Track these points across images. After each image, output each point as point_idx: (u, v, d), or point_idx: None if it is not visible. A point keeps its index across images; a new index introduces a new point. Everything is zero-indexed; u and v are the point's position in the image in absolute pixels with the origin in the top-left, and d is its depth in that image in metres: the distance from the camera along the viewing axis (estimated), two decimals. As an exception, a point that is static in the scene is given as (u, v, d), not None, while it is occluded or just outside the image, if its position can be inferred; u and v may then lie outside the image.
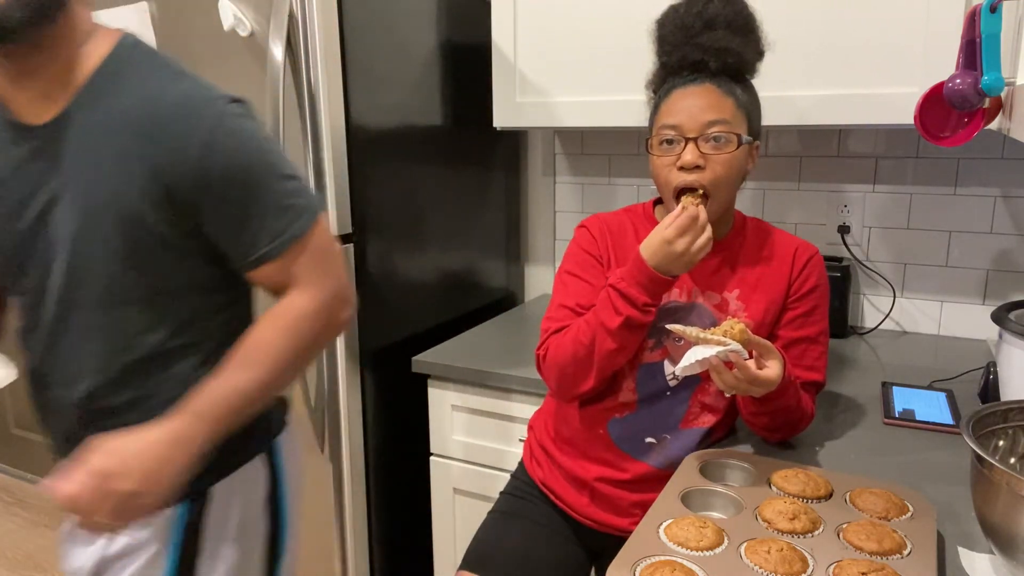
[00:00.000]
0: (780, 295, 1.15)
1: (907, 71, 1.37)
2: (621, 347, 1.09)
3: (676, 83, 1.11)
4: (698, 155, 1.07)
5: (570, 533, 1.25)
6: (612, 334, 1.08)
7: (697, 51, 1.09)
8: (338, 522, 1.61)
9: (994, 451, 0.90)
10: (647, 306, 1.06)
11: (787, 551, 0.82)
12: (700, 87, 1.09)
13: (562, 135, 2.08)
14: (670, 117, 1.09)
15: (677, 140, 1.09)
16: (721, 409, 1.17)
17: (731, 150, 1.08)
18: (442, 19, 1.74)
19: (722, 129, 1.07)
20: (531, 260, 2.21)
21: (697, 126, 1.07)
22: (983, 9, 1.01)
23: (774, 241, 1.18)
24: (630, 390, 1.17)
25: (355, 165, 1.52)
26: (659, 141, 1.11)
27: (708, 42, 1.08)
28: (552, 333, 1.17)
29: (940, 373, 1.48)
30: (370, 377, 1.62)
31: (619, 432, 1.18)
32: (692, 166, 1.08)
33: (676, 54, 1.11)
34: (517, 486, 1.31)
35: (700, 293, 1.16)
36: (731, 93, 1.09)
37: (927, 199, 1.70)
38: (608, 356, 1.10)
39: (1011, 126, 1.02)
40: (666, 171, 1.10)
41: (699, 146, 1.08)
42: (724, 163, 1.08)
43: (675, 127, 1.09)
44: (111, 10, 1.65)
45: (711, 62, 1.09)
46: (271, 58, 1.39)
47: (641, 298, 1.06)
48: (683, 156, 1.08)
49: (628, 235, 1.20)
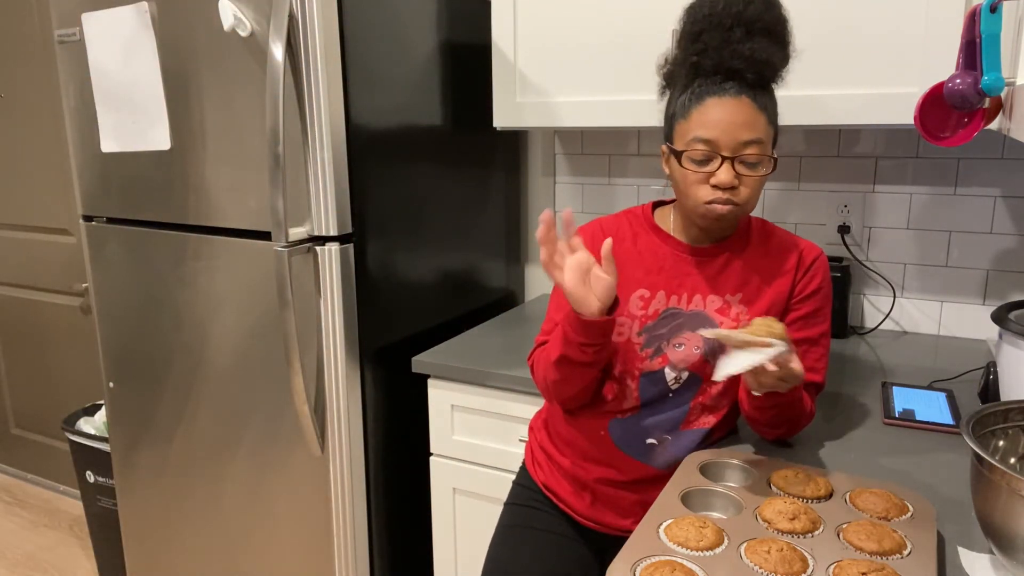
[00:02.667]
0: (783, 297, 1.15)
1: (907, 71, 1.37)
2: (563, 379, 1.11)
3: (710, 89, 1.06)
4: (733, 176, 1.05)
5: (576, 535, 1.25)
6: (552, 365, 1.11)
7: (737, 60, 1.04)
8: (338, 522, 1.62)
9: (994, 451, 0.90)
10: (583, 345, 1.05)
11: (787, 551, 0.82)
12: (736, 100, 1.04)
13: (562, 135, 2.08)
14: (704, 130, 1.05)
15: (712, 156, 1.05)
16: (721, 410, 1.17)
17: (764, 173, 1.07)
18: (442, 19, 1.74)
19: (757, 152, 1.05)
20: (531, 260, 2.21)
21: (733, 144, 1.04)
22: (983, 9, 1.01)
23: (778, 241, 1.17)
24: (633, 397, 1.16)
25: (355, 165, 1.52)
26: (690, 157, 1.07)
27: (750, 52, 1.04)
28: (538, 346, 1.20)
29: (940, 373, 1.48)
30: (370, 377, 1.62)
31: (620, 433, 1.18)
32: (728, 186, 1.05)
33: (712, 57, 1.05)
34: (520, 493, 1.31)
35: (702, 296, 1.15)
36: (764, 108, 1.06)
37: (927, 199, 1.70)
38: (556, 385, 1.13)
39: (1011, 126, 1.02)
40: (697, 185, 1.08)
41: (735, 166, 1.05)
42: (756, 184, 1.07)
43: (710, 142, 1.05)
44: (111, 10, 1.65)
45: (748, 73, 1.05)
46: (271, 58, 1.39)
47: (576, 337, 1.05)
48: (719, 175, 1.05)
49: (626, 240, 1.18)
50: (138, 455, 1.94)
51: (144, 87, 1.66)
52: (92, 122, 1.78)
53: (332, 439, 1.58)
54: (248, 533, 1.78)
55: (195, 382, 1.77)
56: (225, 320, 1.68)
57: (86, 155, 1.83)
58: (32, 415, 2.99)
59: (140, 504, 1.98)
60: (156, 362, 1.83)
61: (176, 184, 1.68)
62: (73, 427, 2.21)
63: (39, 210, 2.71)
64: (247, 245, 1.60)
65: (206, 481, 1.82)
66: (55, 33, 1.79)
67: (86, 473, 2.20)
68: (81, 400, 2.78)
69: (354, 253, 1.55)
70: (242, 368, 1.68)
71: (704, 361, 1.14)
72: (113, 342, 1.91)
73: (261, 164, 1.53)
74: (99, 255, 1.88)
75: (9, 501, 2.91)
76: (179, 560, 1.94)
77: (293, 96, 1.44)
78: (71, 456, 2.25)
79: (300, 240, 1.49)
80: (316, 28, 1.40)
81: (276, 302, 1.57)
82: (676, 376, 1.15)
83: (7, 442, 3.12)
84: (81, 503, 2.72)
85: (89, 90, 1.76)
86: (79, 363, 2.76)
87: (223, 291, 1.66)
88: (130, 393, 1.92)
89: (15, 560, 2.50)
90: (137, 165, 1.74)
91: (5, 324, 2.95)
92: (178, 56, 1.59)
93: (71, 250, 2.67)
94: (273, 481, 1.69)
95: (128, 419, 1.94)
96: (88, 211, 1.88)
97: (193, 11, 1.54)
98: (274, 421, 1.65)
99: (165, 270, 1.75)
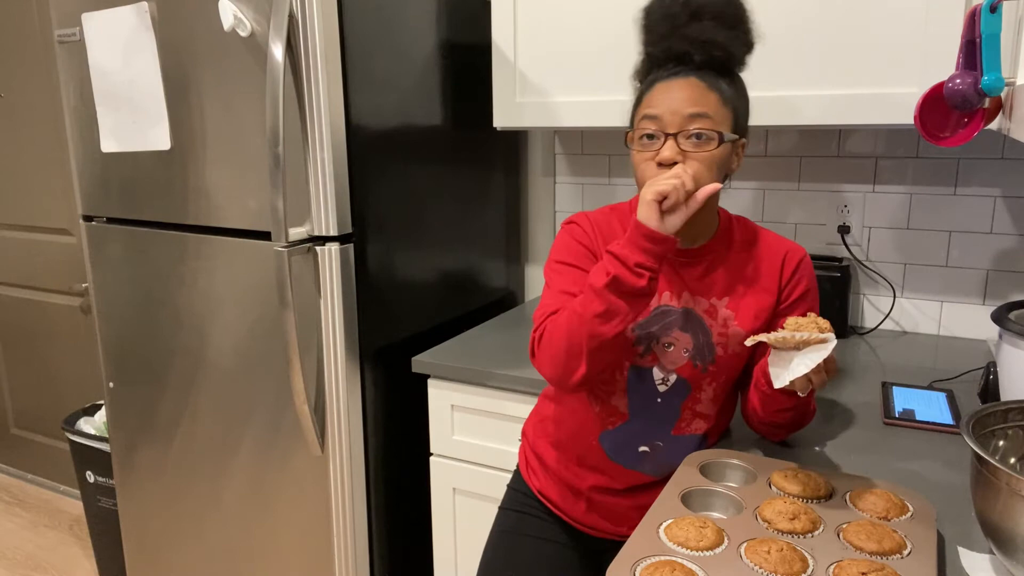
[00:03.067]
0: (771, 301, 1.13)
1: (907, 71, 1.37)
2: (607, 311, 1.02)
3: (660, 75, 1.07)
4: (677, 151, 1.03)
5: (570, 542, 1.25)
6: (598, 293, 1.02)
7: (683, 42, 1.05)
8: (338, 522, 1.62)
9: (994, 451, 0.90)
10: (639, 266, 1.01)
11: (787, 551, 0.82)
12: (684, 80, 1.05)
13: (562, 135, 2.08)
14: (650, 109, 1.06)
15: (657, 135, 1.05)
16: (713, 416, 1.16)
17: (711, 148, 1.04)
18: (442, 19, 1.74)
19: (703, 125, 1.03)
20: (531, 260, 2.21)
21: (678, 120, 1.04)
22: (983, 9, 1.01)
23: (762, 243, 1.15)
24: (621, 391, 1.14)
25: (355, 165, 1.52)
26: (639, 135, 1.07)
27: (694, 33, 1.04)
28: (549, 315, 1.12)
29: (940, 373, 1.48)
30: (370, 377, 1.62)
31: (611, 443, 1.16)
32: (670, 162, 1.04)
33: (661, 44, 1.07)
34: (515, 498, 1.30)
35: (691, 298, 1.13)
36: (716, 87, 1.05)
37: (927, 199, 1.70)
38: (596, 322, 1.02)
39: (1011, 126, 1.02)
40: (644, 166, 1.07)
41: (679, 142, 1.04)
42: (704, 160, 1.04)
43: (655, 119, 1.05)
44: (111, 10, 1.65)
45: (696, 54, 1.05)
46: (271, 58, 1.39)
47: (633, 256, 1.01)
48: (661, 152, 1.04)
49: (616, 232, 1.16)
50: (138, 455, 1.94)
51: (144, 87, 1.66)
52: (92, 122, 1.78)
53: (332, 439, 1.58)
54: (248, 533, 1.78)
55: (195, 382, 1.77)
56: (225, 320, 1.68)
57: (86, 155, 1.83)
58: (32, 415, 2.99)
59: (140, 504, 1.98)
60: (156, 362, 1.83)
61: (176, 184, 1.68)
62: (73, 427, 2.21)
63: (39, 210, 2.71)
64: (247, 245, 1.60)
65: (206, 481, 1.82)
66: (55, 33, 1.79)
67: (86, 473, 2.20)
68: (81, 400, 2.78)
69: (354, 253, 1.55)
70: (242, 368, 1.68)
71: (693, 365, 1.12)
72: (113, 342, 1.91)
73: (261, 164, 1.53)
74: (99, 255, 1.88)
75: (9, 501, 2.91)
76: (179, 560, 1.94)
77: (293, 96, 1.44)
78: (71, 456, 2.25)
79: (300, 240, 1.49)
80: (316, 28, 1.40)
81: (276, 302, 1.57)
82: (664, 378, 1.13)
83: (7, 442, 3.12)
84: (81, 503, 2.72)
85: (89, 90, 1.76)
86: (79, 363, 2.76)
87: (223, 291, 1.66)
88: (130, 393, 1.92)
89: (15, 560, 2.50)
90: (137, 165, 1.74)
91: (5, 324, 2.95)
92: (178, 56, 1.59)
93: (71, 250, 2.67)
94: (273, 481, 1.69)
95: (128, 419, 1.94)
96: (88, 211, 1.88)
97: (193, 11, 1.54)
98: (274, 421, 1.65)
99: (165, 270, 1.75)
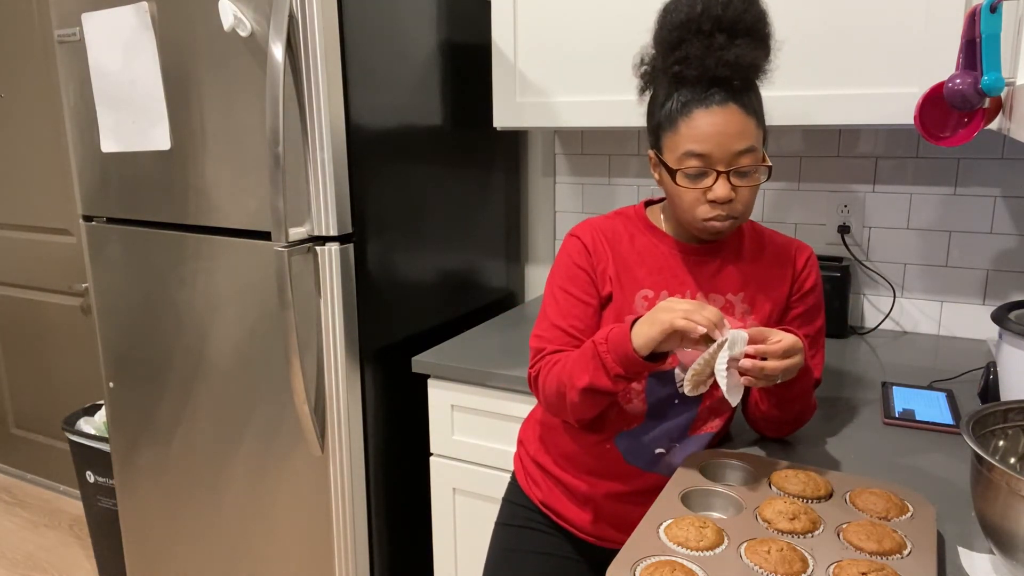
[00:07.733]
0: (783, 295, 1.15)
1: (907, 71, 1.37)
2: (583, 404, 1.07)
3: (696, 99, 1.01)
4: (730, 190, 1.02)
5: (575, 554, 1.24)
6: (578, 391, 1.05)
7: (723, 68, 0.99)
8: (338, 522, 1.62)
9: (994, 451, 0.90)
10: (619, 377, 1.02)
11: (787, 551, 0.82)
12: (724, 109, 1.00)
13: (562, 135, 2.08)
14: (695, 143, 1.01)
15: (707, 172, 1.03)
16: (726, 412, 1.16)
17: (760, 180, 1.05)
18: (442, 19, 1.74)
19: (751, 161, 1.02)
20: (531, 260, 2.21)
21: (727, 157, 1.01)
22: (983, 9, 1.01)
23: (770, 240, 1.17)
24: (640, 400, 1.14)
25: (355, 165, 1.52)
26: (684, 174, 1.04)
27: (735, 59, 1.00)
28: (545, 355, 1.13)
29: (940, 373, 1.48)
30: (370, 377, 1.62)
31: (627, 445, 1.16)
32: (725, 200, 1.03)
33: (695, 67, 1.00)
34: (515, 513, 1.27)
35: (704, 295, 1.13)
36: (752, 110, 1.02)
37: (927, 199, 1.70)
38: (575, 408, 1.08)
39: (1011, 126, 1.02)
40: (694, 203, 1.05)
41: (730, 179, 1.02)
42: (752, 191, 1.05)
43: (703, 156, 1.01)
44: (111, 10, 1.66)
45: (736, 80, 1.01)
46: (271, 58, 1.39)
47: (615, 370, 1.01)
48: (715, 191, 1.02)
49: (623, 241, 1.16)
50: (138, 455, 1.94)
51: (144, 87, 1.66)
52: (92, 122, 1.78)
53: (332, 439, 1.58)
54: (248, 533, 1.78)
55: (195, 382, 1.77)
56: (225, 320, 1.68)
57: (86, 155, 1.83)
58: (32, 415, 2.99)
59: (140, 504, 1.98)
60: (156, 362, 1.83)
61: (176, 184, 1.68)
62: (73, 427, 2.21)
63: (39, 210, 2.71)
64: (247, 245, 1.60)
65: (206, 481, 1.82)
66: (55, 33, 1.79)
67: (86, 473, 2.20)
68: (81, 400, 2.78)
69: (354, 253, 1.55)
70: (242, 368, 1.68)
71: None
72: (113, 342, 1.91)
73: (261, 164, 1.53)
74: (99, 255, 1.88)
75: (9, 501, 2.91)
76: (179, 560, 1.94)
77: (293, 96, 1.44)
78: (71, 456, 2.25)
79: (300, 240, 1.49)
80: (316, 28, 1.40)
81: (276, 302, 1.57)
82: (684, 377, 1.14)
83: (7, 442, 3.12)
84: (81, 503, 2.72)
85: (89, 90, 1.76)
86: (79, 363, 2.76)
87: (223, 291, 1.66)
88: (130, 393, 1.92)
89: (15, 560, 2.50)
90: (137, 165, 1.74)
91: (5, 324, 2.95)
92: (178, 56, 1.59)
93: (71, 250, 2.67)
94: (273, 481, 1.69)
95: (128, 419, 1.94)
96: (88, 211, 1.88)
97: (193, 11, 1.54)
98: (274, 421, 1.65)
99: (165, 270, 1.75)
